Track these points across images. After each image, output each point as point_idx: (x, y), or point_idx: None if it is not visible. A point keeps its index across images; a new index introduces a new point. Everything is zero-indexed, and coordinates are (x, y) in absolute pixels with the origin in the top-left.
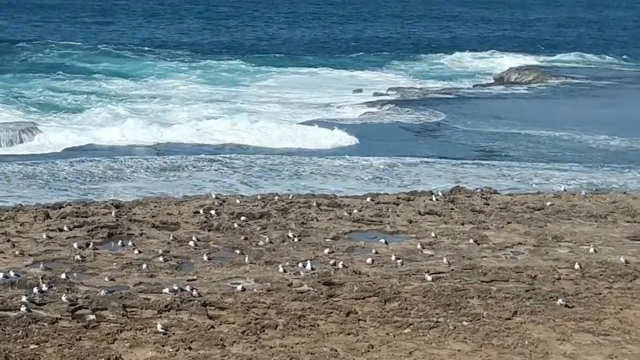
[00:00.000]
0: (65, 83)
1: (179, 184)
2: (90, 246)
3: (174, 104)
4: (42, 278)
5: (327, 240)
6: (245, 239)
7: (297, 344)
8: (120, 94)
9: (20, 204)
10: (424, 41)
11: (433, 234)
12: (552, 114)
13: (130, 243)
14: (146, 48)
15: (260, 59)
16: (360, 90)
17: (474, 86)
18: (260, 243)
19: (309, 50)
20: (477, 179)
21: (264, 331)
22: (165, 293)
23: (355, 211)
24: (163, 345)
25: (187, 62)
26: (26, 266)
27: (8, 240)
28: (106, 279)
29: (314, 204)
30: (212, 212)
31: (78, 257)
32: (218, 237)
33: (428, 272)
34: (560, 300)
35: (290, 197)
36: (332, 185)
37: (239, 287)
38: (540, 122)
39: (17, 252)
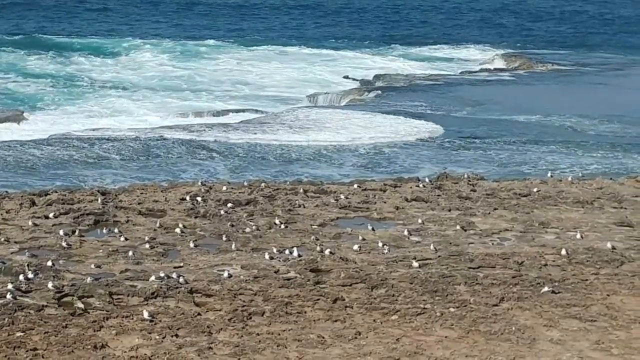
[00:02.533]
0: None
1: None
2: (76, 233)
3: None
4: (28, 265)
5: (314, 227)
6: (232, 225)
7: (284, 330)
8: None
9: (6, 191)
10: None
11: (420, 221)
12: (537, 99)
13: (116, 230)
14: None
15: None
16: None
17: (460, 73)
18: (247, 230)
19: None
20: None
21: (250, 318)
22: (151, 280)
23: (342, 198)
24: (149, 333)
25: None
26: (12, 253)
27: None
28: (92, 266)
29: (301, 190)
30: (199, 199)
31: (64, 244)
32: (204, 224)
33: (415, 258)
34: (547, 287)
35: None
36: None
37: (226, 274)
38: (525, 107)
39: (2, 240)
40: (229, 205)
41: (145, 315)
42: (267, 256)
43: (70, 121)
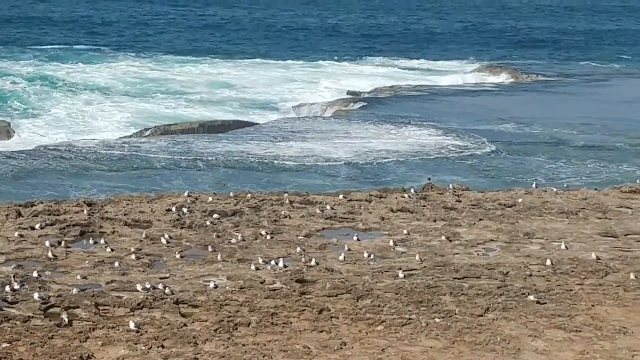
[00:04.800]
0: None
1: None
2: (63, 244)
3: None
4: (14, 276)
5: (300, 237)
6: (218, 236)
7: (270, 341)
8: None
9: None
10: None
11: (405, 231)
12: (522, 110)
13: (102, 241)
14: None
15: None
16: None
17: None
18: (233, 241)
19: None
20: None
21: (236, 329)
22: (138, 291)
23: (328, 208)
24: (136, 344)
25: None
26: None
27: None
28: (78, 277)
29: (287, 201)
30: (185, 210)
31: (50, 255)
32: (190, 235)
33: (401, 269)
34: (532, 297)
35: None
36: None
37: (212, 285)
38: (510, 116)
39: None
40: (215, 216)
41: (132, 326)
42: (253, 267)
43: (57, 131)
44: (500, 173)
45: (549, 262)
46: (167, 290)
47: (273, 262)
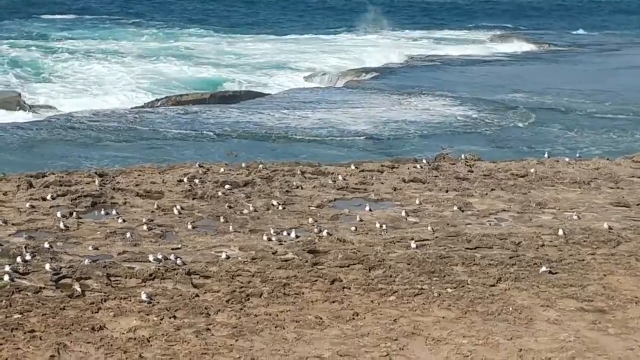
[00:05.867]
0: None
1: None
2: (74, 215)
3: None
4: (25, 247)
5: (311, 208)
6: (230, 207)
7: (282, 312)
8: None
9: (3, 173)
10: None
11: (417, 202)
12: (534, 79)
13: (114, 212)
14: None
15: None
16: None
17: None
18: (245, 211)
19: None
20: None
21: (248, 299)
22: (149, 262)
23: (340, 179)
24: (147, 314)
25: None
26: (9, 235)
27: None
28: (90, 248)
29: (299, 172)
30: (196, 180)
31: (62, 226)
32: (202, 205)
33: (412, 239)
34: (544, 267)
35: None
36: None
37: (224, 256)
38: (522, 86)
39: (0, 222)
40: (227, 186)
41: (143, 296)
42: (264, 237)
43: (69, 100)
44: (512, 143)
45: (560, 232)
46: (179, 261)
47: (285, 233)
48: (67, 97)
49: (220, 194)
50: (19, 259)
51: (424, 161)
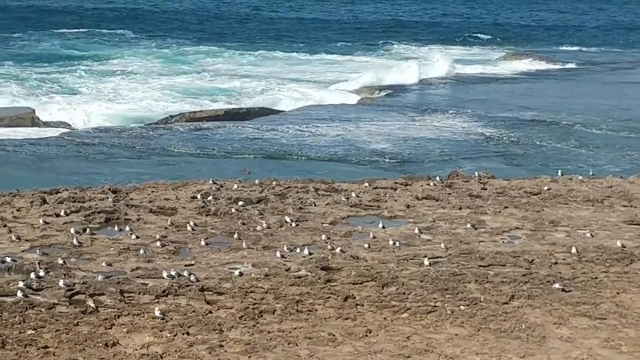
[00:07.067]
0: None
1: None
2: (88, 231)
3: None
4: (39, 263)
5: (325, 225)
6: (243, 224)
7: (294, 328)
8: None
9: (17, 189)
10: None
11: (430, 219)
12: (548, 97)
13: (127, 228)
14: None
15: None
16: None
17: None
18: (258, 228)
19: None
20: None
21: (261, 316)
22: (162, 278)
23: (353, 196)
24: (161, 331)
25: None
26: (23, 251)
27: (5, 226)
28: (103, 264)
29: (312, 188)
30: (210, 197)
31: (75, 242)
32: (215, 222)
33: (426, 256)
34: (557, 285)
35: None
36: None
37: (237, 272)
38: (536, 104)
39: (13, 238)
40: (240, 203)
41: (157, 313)
42: (278, 254)
43: (81, 117)
44: (526, 161)
45: (574, 250)
46: (192, 277)
47: (298, 249)
48: (81, 113)
49: (233, 210)
50: (32, 275)
51: (438, 179)
